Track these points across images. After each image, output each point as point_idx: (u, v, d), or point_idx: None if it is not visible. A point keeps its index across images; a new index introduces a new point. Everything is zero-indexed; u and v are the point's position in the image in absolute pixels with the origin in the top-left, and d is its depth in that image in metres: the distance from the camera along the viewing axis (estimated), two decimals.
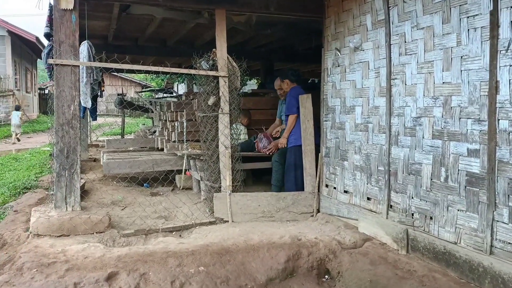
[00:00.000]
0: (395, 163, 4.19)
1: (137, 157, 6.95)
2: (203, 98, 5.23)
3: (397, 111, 4.15)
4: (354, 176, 4.80)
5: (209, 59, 5.14)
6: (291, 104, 5.90)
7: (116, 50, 9.04)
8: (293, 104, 5.87)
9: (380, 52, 4.36)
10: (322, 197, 5.35)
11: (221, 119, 5.13)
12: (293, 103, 5.88)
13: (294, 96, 5.89)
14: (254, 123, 7.38)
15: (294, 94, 5.92)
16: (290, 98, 5.93)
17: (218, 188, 5.26)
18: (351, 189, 4.86)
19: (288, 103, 5.95)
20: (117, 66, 4.72)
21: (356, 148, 4.75)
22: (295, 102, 5.85)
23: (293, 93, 5.95)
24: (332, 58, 5.16)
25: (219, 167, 5.23)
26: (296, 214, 5.29)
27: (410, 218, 4.01)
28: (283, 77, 6.19)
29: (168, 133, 7.39)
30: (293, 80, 6.15)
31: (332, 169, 5.20)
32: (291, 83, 6.14)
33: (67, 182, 4.61)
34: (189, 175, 6.67)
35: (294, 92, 5.95)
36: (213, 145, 5.24)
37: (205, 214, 5.40)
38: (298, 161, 5.56)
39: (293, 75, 6.18)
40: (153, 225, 4.99)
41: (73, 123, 4.59)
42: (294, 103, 5.85)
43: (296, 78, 6.18)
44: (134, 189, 6.97)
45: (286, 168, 5.87)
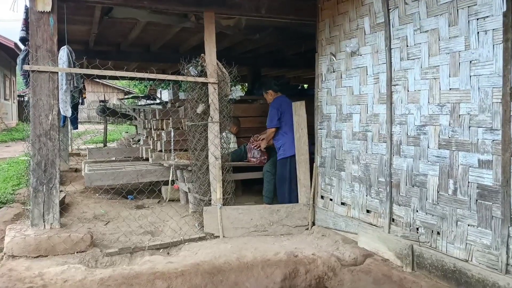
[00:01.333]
0: (397, 174, 3.95)
1: (120, 168, 6.61)
2: (191, 105, 4.94)
3: (398, 119, 3.92)
4: (352, 188, 4.55)
5: (197, 64, 4.85)
6: (271, 116, 5.78)
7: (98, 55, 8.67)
8: (272, 116, 5.76)
9: (379, 56, 4.13)
10: (318, 209, 5.08)
11: (211, 128, 4.84)
12: (273, 114, 5.76)
13: (275, 107, 5.74)
14: (243, 131, 7.11)
15: (275, 105, 5.78)
16: (271, 109, 5.82)
17: (207, 201, 4.96)
18: (349, 201, 4.61)
19: (269, 115, 5.83)
20: (99, 72, 4.40)
21: (354, 157, 4.51)
22: (275, 113, 5.73)
23: (275, 103, 5.81)
24: (326, 63, 4.92)
25: (209, 178, 4.93)
26: (291, 227, 5.02)
27: (414, 233, 3.77)
28: (266, 88, 6.07)
29: (153, 142, 7.07)
30: (276, 90, 6.03)
31: (328, 180, 4.94)
32: (275, 93, 6.01)
33: (45, 198, 4.27)
34: (176, 188, 6.36)
35: (276, 103, 5.80)
36: (202, 156, 4.95)
37: (194, 228, 5.10)
38: (288, 173, 5.35)
39: (276, 84, 6.06)
40: (139, 242, 4.66)
41: (51, 134, 4.25)
42: (274, 115, 5.74)
43: (279, 87, 6.07)
44: (118, 202, 6.63)
45: (277, 181, 5.62)
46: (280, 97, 5.91)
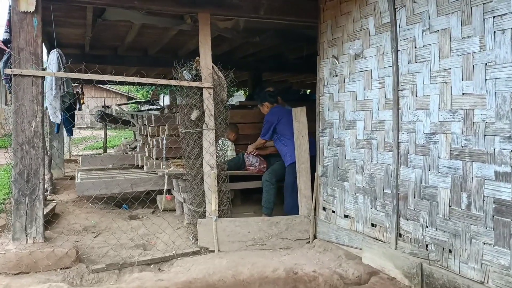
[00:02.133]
0: (404, 186, 3.66)
1: (114, 177, 6.34)
2: (185, 112, 4.67)
3: (406, 127, 3.63)
4: (356, 199, 4.26)
5: (191, 68, 4.59)
6: (264, 128, 5.71)
7: (95, 60, 8.47)
8: (265, 129, 5.68)
9: (385, 59, 3.85)
10: (319, 221, 4.79)
11: (206, 136, 4.57)
12: (266, 127, 5.68)
13: (269, 120, 5.64)
14: (242, 138, 6.83)
15: (270, 117, 5.67)
16: (265, 121, 5.72)
17: (202, 213, 4.68)
18: (352, 213, 4.31)
19: (263, 126, 5.73)
20: (85, 76, 4.14)
21: (357, 167, 4.22)
22: (268, 126, 5.63)
23: (269, 116, 5.71)
24: (328, 66, 4.64)
25: (204, 189, 4.65)
26: (291, 241, 4.72)
27: (424, 250, 3.47)
28: (261, 100, 5.94)
29: (148, 150, 6.79)
30: (272, 101, 5.90)
31: (330, 190, 4.65)
32: (271, 104, 5.87)
33: (27, 210, 3.99)
34: (169, 199, 6.07)
35: (271, 115, 5.68)
36: (197, 165, 4.66)
37: (188, 242, 4.81)
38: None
39: (271, 95, 5.90)
40: (129, 256, 4.38)
41: (34, 142, 3.99)
42: (267, 128, 5.65)
43: (274, 99, 5.94)
44: (111, 211, 6.35)
45: (285, 188, 5.33)
46: (275, 108, 5.75)
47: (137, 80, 4.21)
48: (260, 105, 5.87)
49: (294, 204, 5.06)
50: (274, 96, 5.85)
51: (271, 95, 5.80)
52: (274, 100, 5.79)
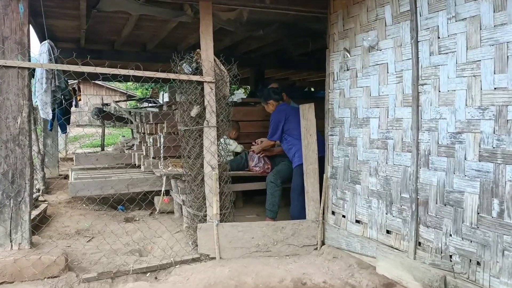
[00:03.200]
0: (425, 190, 3.33)
1: (109, 176, 6.01)
2: (184, 108, 4.33)
3: (427, 125, 3.30)
4: (369, 204, 3.93)
5: (192, 61, 4.26)
6: (272, 128, 5.31)
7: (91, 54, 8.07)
8: (273, 129, 5.27)
9: (403, 51, 3.52)
10: (328, 226, 4.46)
11: (207, 134, 4.24)
12: (274, 127, 5.27)
13: (276, 119, 5.25)
14: (243, 137, 6.50)
15: (277, 116, 5.28)
16: (272, 121, 5.32)
17: (203, 216, 4.35)
18: (365, 218, 3.99)
19: (270, 126, 5.35)
20: (76, 68, 3.80)
21: (371, 169, 3.89)
22: (275, 126, 5.24)
23: (276, 114, 5.32)
24: (339, 60, 4.31)
25: (204, 191, 4.32)
26: (297, 247, 4.40)
27: (447, 261, 3.15)
28: (266, 98, 5.53)
29: (146, 148, 6.47)
30: (277, 99, 5.49)
31: (340, 193, 4.32)
32: (276, 102, 5.48)
33: (12, 214, 3.67)
34: (167, 202, 5.74)
35: (277, 114, 5.31)
36: (197, 165, 4.33)
37: (188, 247, 4.49)
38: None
39: (275, 93, 5.48)
40: (123, 264, 4.05)
41: (20, 140, 3.66)
42: (275, 128, 5.25)
43: (279, 96, 5.53)
44: (105, 213, 6.03)
45: (292, 191, 5.00)
46: (281, 106, 5.39)
47: (133, 73, 3.88)
48: (264, 104, 5.52)
49: (302, 207, 4.74)
50: (279, 93, 5.50)
51: (275, 92, 5.45)
52: (279, 97, 5.44)
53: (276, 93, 5.44)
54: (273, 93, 5.44)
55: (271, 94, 5.43)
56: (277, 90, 5.56)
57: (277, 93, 5.43)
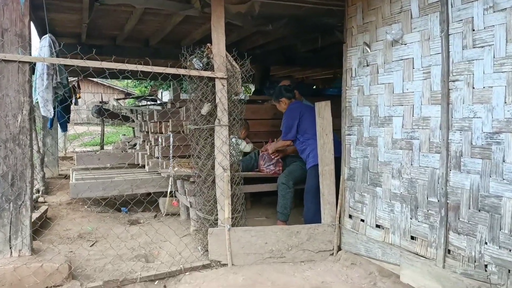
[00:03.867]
0: (455, 194, 3.11)
1: (112, 177, 5.77)
2: (194, 106, 4.10)
3: (459, 124, 3.07)
4: (391, 207, 3.70)
5: (202, 56, 4.02)
6: (286, 127, 5.03)
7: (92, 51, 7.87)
8: (288, 127, 5.01)
9: (431, 45, 3.28)
10: (345, 231, 4.24)
11: (218, 133, 4.00)
12: (289, 125, 5.01)
13: (291, 117, 5.00)
14: (252, 136, 6.27)
15: (291, 114, 5.03)
16: (287, 119, 5.06)
17: (213, 220, 4.12)
18: (386, 223, 3.76)
19: (283, 125, 5.08)
20: (80, 63, 3.56)
21: (394, 171, 3.66)
22: (290, 124, 4.98)
23: (290, 112, 5.07)
24: (358, 55, 4.07)
25: (215, 194, 4.09)
26: (313, 252, 4.17)
27: (482, 271, 2.92)
28: (278, 97, 5.26)
29: (150, 148, 6.23)
30: (290, 97, 5.24)
31: (358, 196, 4.10)
32: (289, 100, 5.22)
33: (12, 219, 3.42)
34: (176, 205, 5.51)
35: (292, 111, 5.06)
36: (208, 166, 4.10)
37: (197, 253, 4.26)
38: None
39: (287, 90, 5.25)
40: (130, 271, 3.82)
41: (20, 139, 3.41)
42: (290, 126, 4.99)
43: (291, 94, 5.27)
44: (109, 215, 5.78)
45: (306, 193, 4.77)
46: (294, 104, 5.16)
47: (141, 68, 3.64)
48: (276, 102, 5.27)
49: (316, 211, 4.52)
50: (291, 90, 5.26)
51: (287, 90, 5.22)
52: (291, 95, 5.19)
53: (288, 90, 5.21)
54: (285, 90, 5.21)
55: (283, 91, 5.19)
56: (289, 88, 5.33)
57: (289, 91, 5.20)
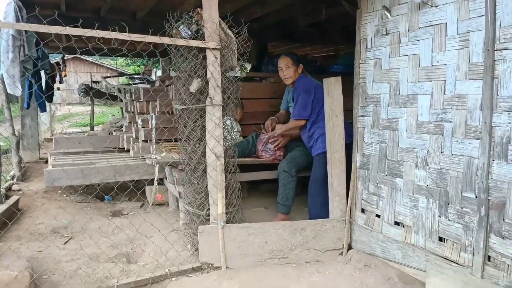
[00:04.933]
0: (500, 190, 2.53)
1: (94, 162, 5.17)
2: (182, 82, 3.47)
3: (507, 104, 2.48)
4: (414, 202, 3.13)
5: (191, 22, 3.38)
6: (302, 103, 4.29)
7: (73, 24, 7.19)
8: (302, 104, 4.28)
9: (471, 6, 2.67)
10: (356, 227, 3.68)
11: (210, 114, 3.39)
12: (302, 102, 4.28)
13: (306, 91, 4.28)
14: (248, 117, 5.67)
15: (303, 88, 4.31)
16: (301, 93, 4.31)
17: (205, 216, 3.54)
18: (408, 220, 3.19)
19: (297, 101, 4.33)
20: (40, 28, 2.93)
21: (418, 159, 3.08)
22: (305, 101, 4.26)
23: (302, 87, 4.34)
24: (375, 23, 3.45)
25: (206, 185, 3.50)
26: (319, 252, 3.62)
27: None
28: (298, 62, 4.49)
29: (136, 130, 5.62)
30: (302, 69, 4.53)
31: (373, 188, 3.52)
32: (301, 72, 4.52)
33: None
34: (160, 199, 4.92)
35: (304, 86, 4.33)
36: (198, 153, 3.50)
37: (186, 251, 3.71)
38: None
39: (299, 60, 4.52)
40: (107, 276, 3.26)
41: None
42: (303, 102, 4.27)
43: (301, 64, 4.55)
44: (89, 205, 5.19)
45: (312, 183, 4.19)
46: (306, 78, 4.48)
47: (115, 35, 3.04)
48: (293, 66, 4.43)
49: (323, 204, 3.96)
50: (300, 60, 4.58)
51: (299, 60, 4.54)
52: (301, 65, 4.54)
53: (299, 60, 4.54)
54: (297, 59, 4.53)
55: (299, 58, 4.55)
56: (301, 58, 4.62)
57: (301, 61, 4.54)
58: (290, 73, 4.42)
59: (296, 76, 4.42)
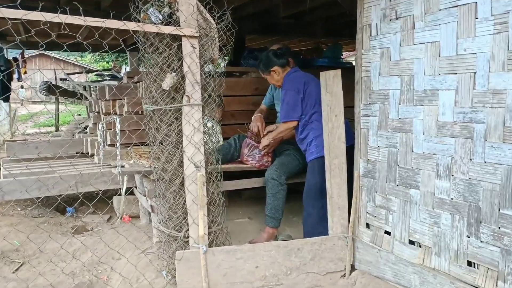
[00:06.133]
0: None
1: (52, 171, 4.51)
2: (152, 78, 2.87)
3: None
4: (434, 218, 2.62)
5: (162, 4, 2.78)
6: (289, 103, 3.72)
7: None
8: (290, 105, 3.70)
9: None
10: (361, 244, 3.16)
11: (188, 116, 2.80)
12: (290, 102, 3.71)
13: (293, 89, 3.71)
14: (228, 117, 5.10)
15: (291, 86, 3.74)
16: (287, 93, 3.73)
17: (183, 238, 2.95)
18: (426, 240, 2.69)
19: (283, 102, 3.77)
20: None
21: (440, 167, 2.57)
22: (294, 100, 3.69)
23: (290, 84, 3.76)
24: (381, 5, 2.92)
25: (184, 201, 2.91)
26: (319, 276, 3.08)
27: None
28: (268, 66, 3.89)
29: (102, 133, 4.97)
30: (284, 64, 3.89)
31: (380, 200, 3.01)
32: (282, 68, 3.89)
33: None
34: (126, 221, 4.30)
35: (290, 83, 3.76)
36: (174, 162, 2.90)
37: (160, 278, 3.12)
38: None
39: (277, 55, 3.90)
40: None
41: None
42: (292, 102, 3.69)
43: (285, 60, 3.91)
44: (47, 220, 4.53)
45: (306, 194, 3.65)
46: (295, 72, 3.88)
47: (66, 19, 2.40)
48: (266, 74, 3.94)
49: (320, 217, 3.43)
50: (283, 55, 3.93)
51: (277, 54, 3.90)
52: (285, 61, 3.89)
53: (278, 55, 3.89)
54: (274, 56, 3.87)
55: (272, 58, 3.87)
56: (279, 52, 4.00)
57: (280, 56, 3.89)
58: (274, 80, 3.94)
59: (282, 76, 3.87)
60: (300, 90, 3.63)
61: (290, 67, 3.89)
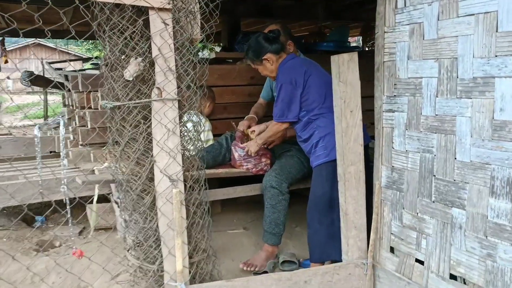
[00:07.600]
0: None
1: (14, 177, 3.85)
2: (111, 65, 2.19)
3: None
4: (489, 249, 1.97)
5: None
6: (280, 102, 3.03)
7: None
8: (284, 102, 3.00)
9: None
10: (383, 273, 2.51)
11: (159, 115, 2.13)
12: (285, 99, 3.00)
13: (287, 82, 2.99)
14: (219, 110, 4.44)
15: (285, 78, 3.01)
16: (283, 86, 3.01)
17: (156, 272, 2.30)
18: (475, 276, 2.04)
19: (278, 96, 3.06)
20: None
21: (497, 181, 1.91)
22: (289, 96, 2.99)
23: (283, 76, 3.04)
24: None
25: (157, 225, 2.25)
26: None
27: None
28: (259, 54, 3.13)
29: (74, 130, 4.32)
30: (278, 50, 3.14)
31: (410, 219, 2.35)
32: (276, 55, 3.14)
33: None
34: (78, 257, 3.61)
35: (286, 75, 3.03)
36: (142, 175, 2.24)
37: None
38: (337, 192, 2.63)
39: (269, 40, 3.13)
40: None
41: None
42: (286, 99, 2.99)
43: (279, 44, 3.15)
44: (10, 234, 3.88)
45: (312, 207, 2.95)
46: (292, 59, 3.14)
47: None
48: (258, 64, 3.19)
49: (329, 236, 2.78)
50: (275, 39, 3.15)
51: (269, 39, 3.12)
52: (279, 46, 3.14)
53: (270, 39, 3.11)
54: (265, 40, 3.11)
55: (263, 43, 3.10)
56: (272, 36, 3.26)
57: (272, 40, 3.11)
58: (267, 71, 3.21)
59: (276, 65, 3.14)
60: (298, 83, 2.91)
61: (287, 53, 3.17)
